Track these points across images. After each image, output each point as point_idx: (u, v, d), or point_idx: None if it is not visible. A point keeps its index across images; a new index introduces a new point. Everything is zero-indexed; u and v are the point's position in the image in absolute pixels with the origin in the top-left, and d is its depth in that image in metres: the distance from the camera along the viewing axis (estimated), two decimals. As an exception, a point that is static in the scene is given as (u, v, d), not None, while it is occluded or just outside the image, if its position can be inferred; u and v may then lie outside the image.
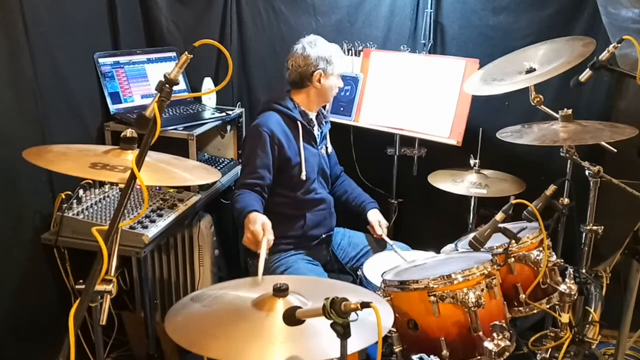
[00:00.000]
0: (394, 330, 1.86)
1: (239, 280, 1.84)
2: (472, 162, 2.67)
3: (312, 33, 2.59)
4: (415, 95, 2.81)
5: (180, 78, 1.41)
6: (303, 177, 2.48)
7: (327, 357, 1.37)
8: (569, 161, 2.32)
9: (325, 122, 2.66)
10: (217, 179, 2.13)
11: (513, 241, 1.96)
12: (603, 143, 2.20)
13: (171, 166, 1.84)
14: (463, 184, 2.63)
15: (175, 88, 1.39)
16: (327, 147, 2.70)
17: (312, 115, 2.57)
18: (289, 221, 2.50)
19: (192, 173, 1.94)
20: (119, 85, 2.71)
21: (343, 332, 1.24)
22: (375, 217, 2.64)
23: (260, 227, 2.13)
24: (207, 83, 2.92)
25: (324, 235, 2.58)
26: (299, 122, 2.49)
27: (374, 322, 1.25)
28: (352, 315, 1.23)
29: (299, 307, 1.35)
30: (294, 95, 2.54)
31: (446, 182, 2.65)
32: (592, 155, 2.40)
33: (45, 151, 1.84)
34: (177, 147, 2.44)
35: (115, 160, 1.69)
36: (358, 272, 2.37)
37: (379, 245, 2.65)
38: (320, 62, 2.46)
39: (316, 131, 2.58)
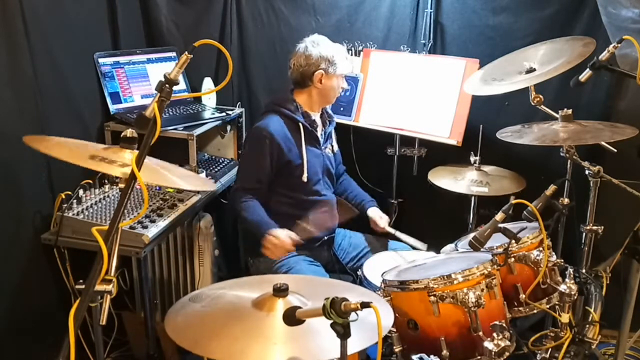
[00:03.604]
0: (394, 330, 1.86)
1: (238, 280, 1.84)
2: (472, 159, 2.67)
3: (312, 33, 2.59)
4: (415, 95, 2.81)
5: (180, 78, 1.41)
6: (304, 179, 2.48)
7: (327, 357, 1.37)
8: (569, 161, 2.32)
9: (330, 122, 2.66)
10: (213, 189, 2.11)
11: (513, 241, 1.96)
12: (603, 143, 2.20)
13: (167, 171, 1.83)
14: (464, 181, 2.62)
15: (175, 88, 1.39)
16: (332, 146, 2.70)
17: (315, 116, 2.57)
18: (291, 222, 2.50)
19: (186, 181, 1.92)
20: (119, 85, 2.71)
21: (343, 332, 1.24)
22: (375, 213, 2.65)
23: (287, 237, 2.33)
24: (207, 83, 2.92)
25: (326, 237, 2.58)
26: (300, 124, 2.49)
27: (374, 322, 1.25)
28: (352, 315, 1.23)
29: (299, 307, 1.35)
30: (297, 95, 2.54)
31: (447, 179, 2.65)
32: (592, 155, 2.40)
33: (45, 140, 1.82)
34: (177, 147, 2.44)
35: (114, 157, 1.68)
36: (358, 272, 2.37)
37: (379, 245, 2.65)
38: (322, 62, 2.46)
39: (320, 132, 2.58)
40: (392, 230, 2.57)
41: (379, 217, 2.62)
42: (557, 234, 2.44)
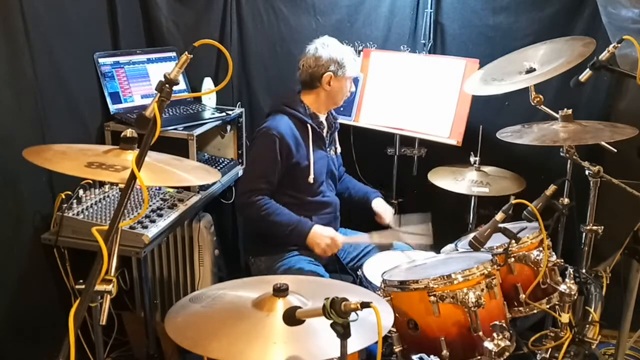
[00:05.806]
0: (394, 330, 1.86)
1: (238, 281, 1.84)
2: (472, 159, 2.67)
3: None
4: (415, 95, 2.81)
5: (180, 78, 1.41)
6: (310, 180, 2.48)
7: (327, 357, 1.37)
8: (569, 161, 2.32)
9: (336, 124, 2.66)
10: (217, 179, 2.12)
11: (513, 241, 1.96)
12: (603, 143, 2.20)
13: (171, 166, 1.84)
14: (464, 182, 2.63)
15: (175, 88, 1.39)
16: (336, 149, 2.70)
17: (322, 118, 2.57)
18: None
19: (192, 174, 1.93)
20: (119, 85, 2.71)
21: (343, 332, 1.24)
22: (380, 206, 2.66)
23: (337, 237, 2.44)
24: (207, 83, 2.92)
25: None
26: (309, 125, 2.49)
27: (374, 322, 1.26)
28: (352, 315, 1.23)
29: (299, 307, 1.35)
30: (304, 96, 2.54)
31: (447, 179, 2.65)
32: (592, 155, 2.40)
33: (44, 150, 1.83)
34: (177, 147, 2.44)
35: (114, 160, 1.68)
36: (358, 272, 2.37)
37: (379, 245, 2.65)
38: (332, 64, 2.46)
39: (325, 133, 2.59)
40: (396, 228, 2.57)
41: (383, 212, 2.62)
42: (557, 234, 2.44)
